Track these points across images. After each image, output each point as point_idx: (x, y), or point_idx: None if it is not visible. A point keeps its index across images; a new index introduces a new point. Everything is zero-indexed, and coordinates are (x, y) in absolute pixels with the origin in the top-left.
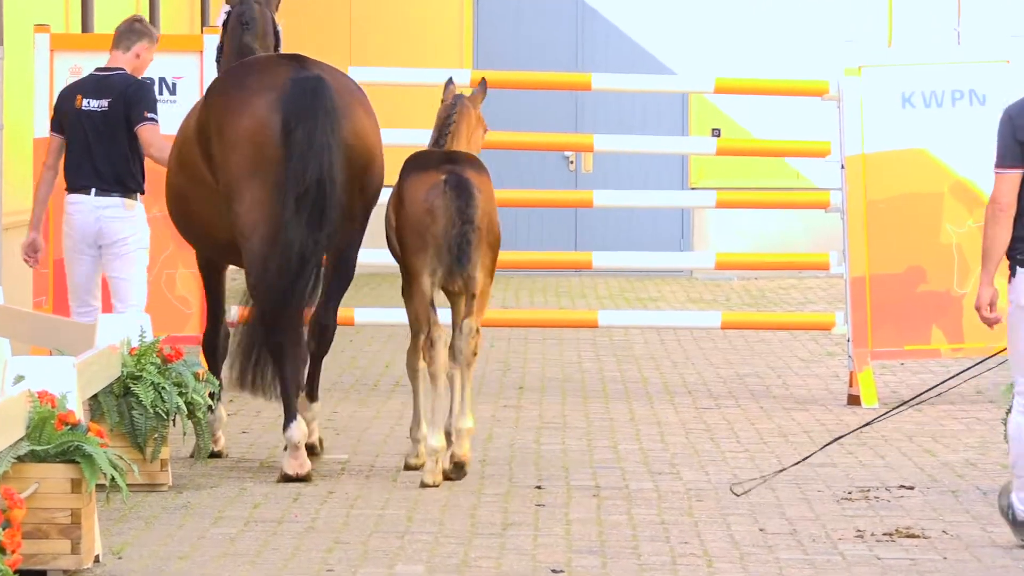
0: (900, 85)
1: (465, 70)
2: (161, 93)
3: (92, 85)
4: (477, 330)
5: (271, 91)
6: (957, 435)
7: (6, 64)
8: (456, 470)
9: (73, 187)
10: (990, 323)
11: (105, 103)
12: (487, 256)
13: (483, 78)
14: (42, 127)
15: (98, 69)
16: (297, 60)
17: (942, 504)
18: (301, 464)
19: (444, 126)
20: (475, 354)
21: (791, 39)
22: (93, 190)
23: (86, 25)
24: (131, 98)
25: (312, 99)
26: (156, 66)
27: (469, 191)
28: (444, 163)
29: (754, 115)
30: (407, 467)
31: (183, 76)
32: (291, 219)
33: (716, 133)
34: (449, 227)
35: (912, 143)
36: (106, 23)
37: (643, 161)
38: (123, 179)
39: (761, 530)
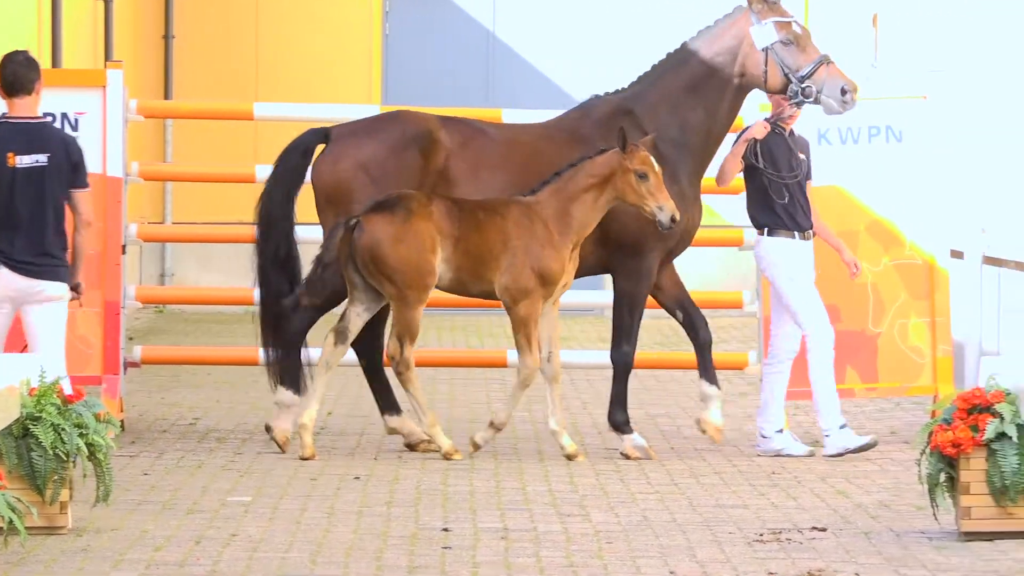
0: (815, 121)
1: (374, 105)
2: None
3: None
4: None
5: None
6: (871, 476)
7: None
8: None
9: None
10: None
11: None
12: None
13: None
14: None
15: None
16: None
17: (855, 546)
18: None
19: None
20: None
21: None
22: None
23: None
24: None
25: None
26: (59, 101)
27: None
28: None
29: None
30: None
31: (86, 112)
32: None
33: None
34: None
35: (828, 180)
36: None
37: None
38: None
39: (671, 573)
